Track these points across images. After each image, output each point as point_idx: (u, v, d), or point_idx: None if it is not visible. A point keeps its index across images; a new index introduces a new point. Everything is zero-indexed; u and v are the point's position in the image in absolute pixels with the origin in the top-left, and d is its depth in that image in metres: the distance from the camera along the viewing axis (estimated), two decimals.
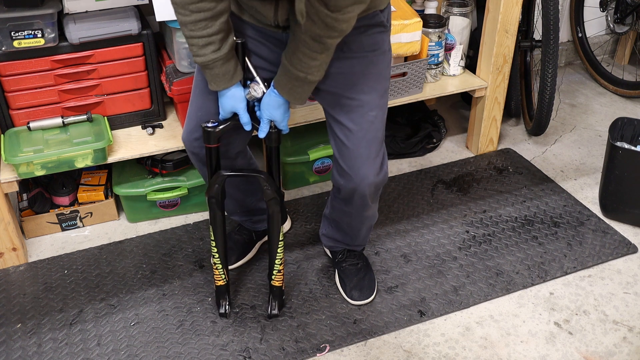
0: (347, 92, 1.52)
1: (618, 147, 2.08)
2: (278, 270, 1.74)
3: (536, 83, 2.57)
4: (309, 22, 1.31)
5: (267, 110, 1.51)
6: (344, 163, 1.59)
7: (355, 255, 1.92)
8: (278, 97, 1.49)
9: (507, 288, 1.92)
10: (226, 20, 1.41)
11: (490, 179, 2.42)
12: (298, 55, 1.39)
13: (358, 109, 1.53)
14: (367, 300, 1.85)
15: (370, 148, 1.56)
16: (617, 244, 2.09)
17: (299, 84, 1.45)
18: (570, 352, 1.73)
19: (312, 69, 1.41)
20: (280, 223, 1.68)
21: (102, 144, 1.91)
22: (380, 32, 1.51)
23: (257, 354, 1.71)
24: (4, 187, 1.89)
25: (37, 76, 1.92)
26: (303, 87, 1.46)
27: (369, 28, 1.48)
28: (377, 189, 1.64)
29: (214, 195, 1.64)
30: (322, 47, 1.37)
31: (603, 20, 3.16)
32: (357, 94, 1.52)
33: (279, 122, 1.53)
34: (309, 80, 1.43)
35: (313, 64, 1.40)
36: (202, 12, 1.36)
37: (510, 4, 2.20)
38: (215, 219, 1.68)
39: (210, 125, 1.55)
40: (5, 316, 1.83)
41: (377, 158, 1.59)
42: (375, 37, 1.51)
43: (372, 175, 1.59)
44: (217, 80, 1.48)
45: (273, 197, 1.62)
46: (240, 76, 1.50)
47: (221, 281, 1.77)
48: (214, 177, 1.61)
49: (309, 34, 1.34)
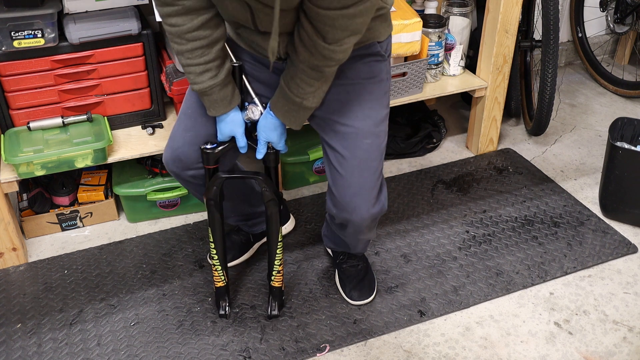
0: (342, 118, 1.51)
1: (618, 147, 2.08)
2: (277, 270, 1.74)
3: (536, 83, 2.57)
4: (306, 53, 1.33)
5: (264, 132, 1.52)
6: (337, 192, 1.56)
7: (356, 257, 1.91)
8: (274, 119, 1.49)
9: (507, 288, 1.92)
10: (222, 47, 1.42)
11: (490, 179, 2.42)
12: (296, 81, 1.40)
13: (352, 136, 1.51)
14: (366, 300, 1.85)
15: (363, 177, 1.53)
16: (617, 244, 2.09)
17: (295, 108, 1.45)
18: (570, 352, 1.73)
19: (308, 95, 1.42)
20: (279, 224, 1.68)
21: (102, 144, 1.91)
22: (378, 61, 1.51)
23: (257, 354, 1.71)
24: (4, 187, 1.89)
25: (37, 76, 1.92)
26: (299, 112, 1.46)
27: (365, 57, 1.49)
28: (372, 220, 1.60)
29: (212, 197, 1.64)
30: (320, 75, 1.38)
31: (603, 20, 3.16)
32: (351, 121, 1.51)
33: (275, 143, 1.54)
34: (304, 105, 1.44)
35: (309, 90, 1.41)
36: (198, 41, 1.37)
37: (510, 4, 2.20)
38: (214, 221, 1.68)
39: (209, 147, 1.55)
40: (5, 316, 1.83)
41: (373, 189, 1.55)
42: (371, 65, 1.51)
43: (365, 208, 1.55)
44: (215, 106, 1.48)
45: (271, 198, 1.62)
46: (238, 100, 1.51)
47: (221, 282, 1.77)
48: (212, 180, 1.61)
49: (307, 64, 1.35)
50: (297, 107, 1.45)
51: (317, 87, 1.41)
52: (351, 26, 1.26)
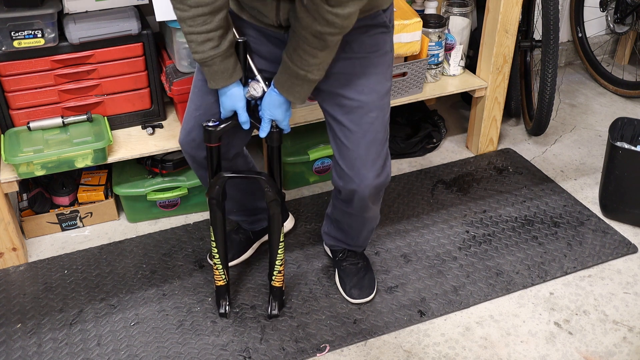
0: (347, 92, 1.52)
1: (618, 147, 2.08)
2: (278, 270, 1.74)
3: (536, 83, 2.57)
4: (309, 19, 1.30)
5: (268, 110, 1.51)
6: (344, 164, 1.58)
7: (356, 255, 1.91)
8: (279, 96, 1.48)
9: (507, 288, 1.92)
10: (225, 16, 1.40)
11: (490, 179, 2.42)
12: (299, 53, 1.38)
13: (358, 110, 1.53)
14: (366, 298, 1.85)
15: (370, 149, 1.56)
16: (617, 244, 2.09)
17: (299, 82, 1.44)
18: (570, 352, 1.73)
19: (313, 67, 1.40)
20: (281, 224, 1.68)
21: (102, 144, 1.91)
22: (382, 33, 1.51)
23: (257, 354, 1.71)
24: (4, 187, 1.89)
25: (37, 76, 1.92)
26: (303, 86, 1.45)
27: (370, 28, 1.48)
28: (377, 190, 1.63)
29: (214, 196, 1.64)
30: (323, 44, 1.36)
31: (603, 20, 3.16)
32: (357, 95, 1.52)
33: (280, 121, 1.53)
34: (309, 78, 1.43)
35: (313, 61, 1.39)
36: (200, 7, 1.35)
37: (510, 4, 2.20)
38: (216, 220, 1.68)
39: (211, 125, 1.54)
40: (5, 316, 1.83)
41: (377, 159, 1.58)
42: (377, 38, 1.50)
43: (371, 177, 1.58)
44: (215, 78, 1.47)
45: (274, 198, 1.62)
46: (240, 74, 1.50)
47: (221, 281, 1.77)
48: (215, 179, 1.61)
49: (310, 31, 1.33)
50: (301, 81, 1.43)
51: (321, 58, 1.39)
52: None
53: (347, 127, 1.54)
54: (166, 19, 1.92)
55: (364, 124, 1.54)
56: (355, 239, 1.85)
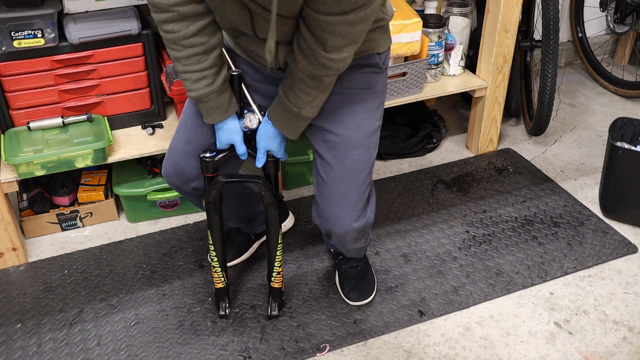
0: (333, 127, 1.51)
1: (618, 147, 2.08)
2: (277, 272, 1.74)
3: (536, 83, 2.57)
4: (306, 62, 1.32)
5: (263, 141, 1.51)
6: (321, 201, 1.56)
7: (355, 258, 1.91)
8: (273, 128, 1.48)
9: (507, 288, 1.92)
10: (219, 54, 1.41)
11: (490, 179, 2.42)
12: (294, 90, 1.39)
13: (341, 146, 1.51)
14: (364, 301, 1.84)
15: (349, 188, 1.52)
16: (617, 244, 2.09)
17: (292, 117, 1.44)
18: (570, 352, 1.73)
19: (306, 105, 1.41)
20: (279, 227, 1.67)
21: (102, 144, 1.91)
22: (375, 73, 1.51)
23: (257, 354, 1.71)
24: (4, 187, 1.89)
25: (37, 76, 1.92)
26: (296, 122, 1.45)
27: (362, 67, 1.48)
28: (356, 233, 1.59)
29: (211, 201, 1.63)
30: (319, 85, 1.37)
31: (603, 20, 3.16)
32: (342, 130, 1.50)
33: (275, 151, 1.53)
34: (302, 115, 1.43)
35: (308, 99, 1.40)
36: (194, 47, 1.36)
37: (510, 4, 2.20)
38: (213, 224, 1.67)
39: (208, 156, 1.54)
40: (5, 316, 1.83)
41: (358, 202, 1.54)
42: (368, 76, 1.50)
43: (349, 221, 1.54)
44: (211, 114, 1.47)
45: (271, 201, 1.61)
46: (236, 108, 1.50)
47: (220, 284, 1.77)
48: (212, 184, 1.61)
49: (306, 73, 1.34)
50: (295, 117, 1.44)
51: (315, 96, 1.40)
52: (351, 33, 1.26)
53: (328, 162, 1.52)
54: None
55: (345, 160, 1.51)
56: (347, 254, 1.85)
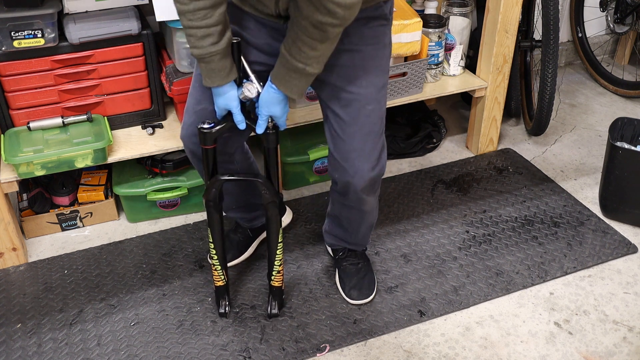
0: (345, 85, 1.52)
1: (618, 147, 2.08)
2: (277, 270, 1.74)
3: (536, 83, 2.57)
4: (310, 8, 1.29)
5: (265, 107, 1.50)
6: (339, 156, 1.58)
7: (357, 255, 1.91)
8: (277, 93, 1.47)
9: (507, 288, 1.92)
10: (224, 11, 1.39)
11: (490, 179, 2.42)
12: (298, 45, 1.37)
13: (355, 103, 1.53)
14: (365, 300, 1.85)
15: (365, 142, 1.56)
16: (617, 244, 2.09)
17: (296, 75, 1.42)
18: (570, 352, 1.73)
19: (311, 60, 1.39)
20: (279, 225, 1.68)
21: (102, 144, 1.91)
22: (382, 25, 1.50)
23: (257, 354, 1.71)
24: (4, 187, 1.89)
25: (37, 76, 1.92)
26: (300, 80, 1.43)
27: (370, 20, 1.47)
28: (372, 182, 1.62)
29: (211, 199, 1.63)
30: (323, 36, 1.33)
31: (603, 20, 3.16)
32: (355, 88, 1.51)
33: (278, 117, 1.52)
34: (307, 72, 1.41)
35: (312, 54, 1.37)
36: (201, 1, 1.35)
37: (510, 4, 2.20)
38: (213, 221, 1.68)
39: (206, 127, 1.53)
40: (5, 316, 1.83)
41: (373, 151, 1.58)
42: (376, 30, 1.50)
43: (366, 169, 1.58)
44: (212, 76, 1.46)
45: (271, 200, 1.62)
46: (235, 75, 1.49)
47: (220, 282, 1.77)
48: (212, 182, 1.61)
49: (310, 21, 1.31)
50: (299, 74, 1.41)
51: (321, 50, 1.37)
52: None
53: (344, 119, 1.54)
54: (166, 19, 1.92)
55: (360, 117, 1.54)
56: (355, 236, 1.85)
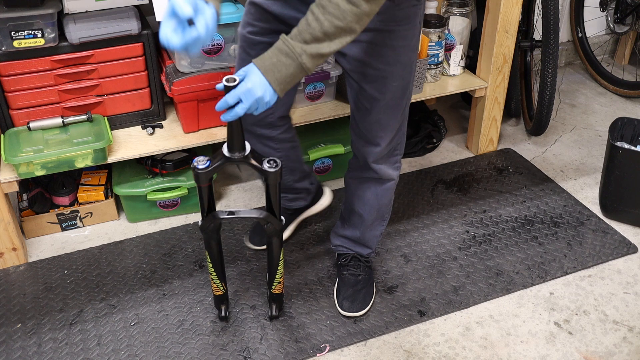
0: (374, 62, 1.52)
1: (618, 147, 2.08)
2: (278, 281, 1.73)
3: (536, 83, 2.57)
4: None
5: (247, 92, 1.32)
6: (364, 127, 1.62)
7: (359, 266, 1.88)
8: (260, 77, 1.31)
9: (507, 288, 1.92)
10: None
11: (490, 179, 2.42)
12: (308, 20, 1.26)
13: (382, 80, 1.54)
14: (356, 313, 1.81)
15: (391, 115, 1.60)
16: (617, 244, 2.09)
17: (288, 62, 1.29)
18: (570, 352, 1.73)
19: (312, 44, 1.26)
20: (281, 247, 1.65)
21: (102, 144, 1.91)
22: (414, 6, 1.49)
23: (257, 354, 1.71)
24: (4, 187, 1.89)
25: (37, 76, 1.92)
26: (289, 68, 1.29)
27: (403, 2, 1.46)
28: (391, 150, 1.68)
29: (207, 232, 1.59)
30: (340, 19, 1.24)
31: (603, 20, 3.16)
32: (383, 65, 1.52)
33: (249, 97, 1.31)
34: (301, 61, 1.28)
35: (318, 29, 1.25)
36: None
37: (510, 4, 2.20)
38: (211, 247, 1.63)
39: (200, 167, 1.42)
40: (5, 316, 1.83)
41: (394, 123, 1.62)
42: (408, 11, 1.48)
43: (386, 140, 1.64)
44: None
45: (276, 232, 1.60)
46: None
47: (219, 291, 1.75)
48: (208, 218, 1.54)
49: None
50: (292, 61, 1.28)
51: (331, 33, 1.26)
52: None
53: (370, 94, 1.56)
54: None
55: (387, 93, 1.56)
56: (366, 228, 1.82)
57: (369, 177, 1.73)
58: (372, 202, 1.77)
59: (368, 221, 1.82)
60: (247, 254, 2.04)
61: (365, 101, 1.58)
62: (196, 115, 2.07)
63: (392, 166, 1.73)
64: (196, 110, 2.06)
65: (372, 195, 1.76)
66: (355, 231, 1.85)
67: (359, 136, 1.66)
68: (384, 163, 1.70)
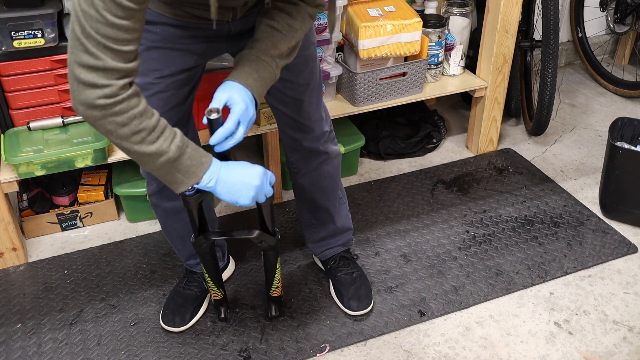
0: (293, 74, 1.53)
1: (618, 147, 2.08)
2: (276, 286, 1.72)
3: (536, 83, 2.57)
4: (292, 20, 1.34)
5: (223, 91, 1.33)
6: (301, 118, 1.61)
7: (349, 264, 1.89)
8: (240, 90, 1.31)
9: (507, 288, 1.92)
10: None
11: (490, 179, 2.42)
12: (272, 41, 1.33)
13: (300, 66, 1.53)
14: (365, 310, 1.82)
15: (317, 97, 1.62)
16: (617, 244, 2.09)
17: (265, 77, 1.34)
18: (570, 352, 1.73)
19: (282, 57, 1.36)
20: (278, 257, 1.64)
21: (102, 143, 1.91)
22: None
23: (257, 354, 1.71)
24: (4, 187, 1.89)
25: (37, 76, 1.92)
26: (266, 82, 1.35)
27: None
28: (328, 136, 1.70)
29: (200, 249, 1.58)
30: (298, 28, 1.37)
31: (603, 20, 3.16)
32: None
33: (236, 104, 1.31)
34: (276, 74, 1.36)
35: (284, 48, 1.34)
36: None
37: (510, 4, 2.20)
38: (206, 259, 1.62)
39: (188, 194, 1.33)
40: (5, 316, 1.83)
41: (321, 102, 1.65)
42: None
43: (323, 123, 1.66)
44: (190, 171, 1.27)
45: (270, 248, 1.59)
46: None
47: (218, 296, 1.74)
48: (201, 239, 1.53)
49: (309, 12, 1.37)
50: (270, 76, 1.35)
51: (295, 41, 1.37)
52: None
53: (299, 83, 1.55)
54: None
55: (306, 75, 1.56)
56: (335, 216, 1.82)
57: (321, 163, 1.71)
58: (330, 187, 1.77)
59: (334, 208, 1.81)
60: (247, 254, 2.04)
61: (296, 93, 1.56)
62: (196, 115, 2.06)
63: (333, 141, 1.75)
64: (196, 110, 2.05)
65: (328, 182, 1.76)
66: (329, 225, 1.84)
67: (301, 130, 1.63)
68: (329, 140, 1.71)
